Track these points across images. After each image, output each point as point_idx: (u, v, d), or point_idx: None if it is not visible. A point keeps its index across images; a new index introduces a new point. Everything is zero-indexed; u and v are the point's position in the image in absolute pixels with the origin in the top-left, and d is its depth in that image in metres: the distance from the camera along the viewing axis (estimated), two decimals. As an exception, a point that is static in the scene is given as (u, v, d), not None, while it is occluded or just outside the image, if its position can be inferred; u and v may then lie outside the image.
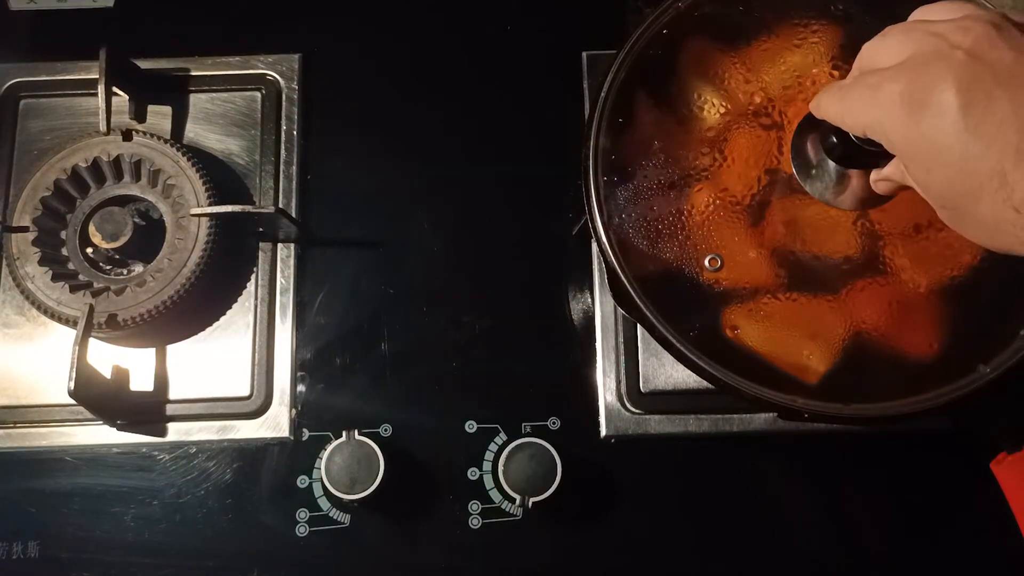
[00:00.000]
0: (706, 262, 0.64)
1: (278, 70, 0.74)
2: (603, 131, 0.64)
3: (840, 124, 0.51)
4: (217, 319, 0.68)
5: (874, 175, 0.57)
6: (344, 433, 0.61)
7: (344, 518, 0.64)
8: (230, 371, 0.67)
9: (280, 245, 0.70)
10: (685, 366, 0.57)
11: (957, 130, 0.43)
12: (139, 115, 0.73)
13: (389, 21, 0.77)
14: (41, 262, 0.64)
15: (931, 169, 0.45)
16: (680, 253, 0.65)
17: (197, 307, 0.67)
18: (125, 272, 0.68)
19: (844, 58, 0.68)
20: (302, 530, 0.63)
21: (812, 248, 0.66)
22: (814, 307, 0.63)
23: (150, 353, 0.67)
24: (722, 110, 0.67)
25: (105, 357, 0.66)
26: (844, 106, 0.50)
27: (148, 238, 0.66)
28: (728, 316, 0.63)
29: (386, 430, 0.65)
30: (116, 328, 0.64)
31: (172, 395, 0.66)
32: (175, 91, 0.73)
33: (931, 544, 0.64)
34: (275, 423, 0.66)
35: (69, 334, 0.62)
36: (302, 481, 0.64)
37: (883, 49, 0.48)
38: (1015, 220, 0.43)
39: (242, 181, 0.71)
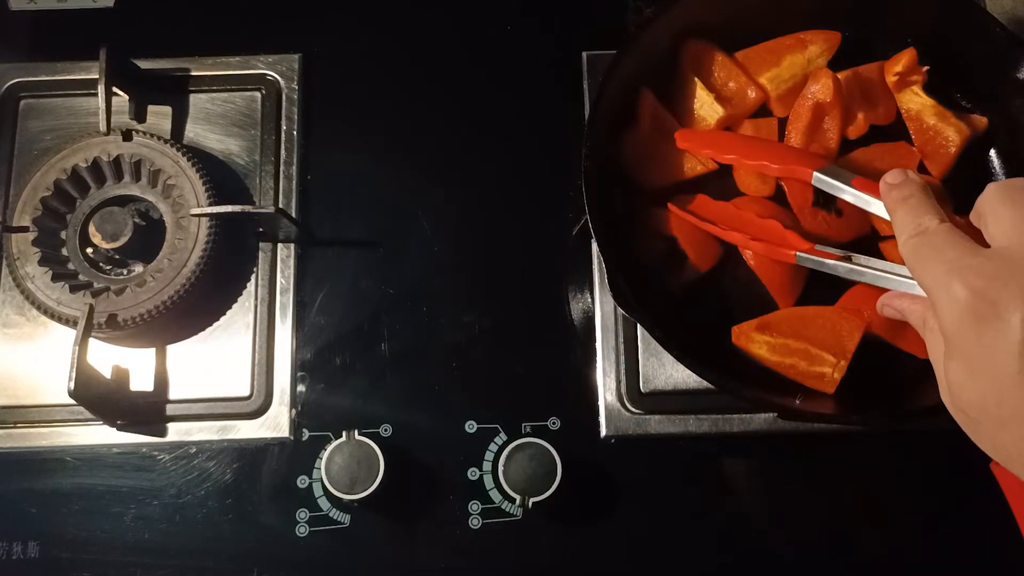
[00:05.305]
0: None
1: (278, 70, 0.74)
2: (602, 131, 0.64)
3: (906, 262, 0.48)
4: (217, 319, 0.68)
5: (888, 299, 0.54)
6: (344, 433, 0.61)
7: (344, 518, 0.64)
8: (230, 371, 0.67)
9: (280, 245, 0.70)
10: (685, 366, 0.57)
11: (1012, 356, 0.40)
12: (139, 115, 0.73)
13: (389, 21, 0.77)
14: (41, 262, 0.64)
15: (972, 374, 0.43)
16: (680, 253, 0.65)
17: (197, 307, 0.67)
18: (125, 272, 0.68)
19: (840, 59, 0.68)
20: (302, 530, 0.63)
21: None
22: (815, 312, 0.63)
23: (150, 353, 0.67)
24: (722, 110, 0.67)
25: (105, 357, 0.66)
26: (919, 255, 0.47)
27: (148, 238, 0.66)
28: (736, 328, 0.63)
29: (386, 430, 0.65)
30: (116, 328, 0.64)
31: (172, 395, 0.66)
32: (175, 91, 0.73)
33: (931, 544, 0.63)
34: (275, 423, 0.66)
35: (69, 334, 0.62)
36: (302, 481, 0.64)
37: (999, 212, 0.45)
38: None
39: (242, 181, 0.71)
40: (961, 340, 0.43)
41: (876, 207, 0.55)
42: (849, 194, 0.57)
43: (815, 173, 0.58)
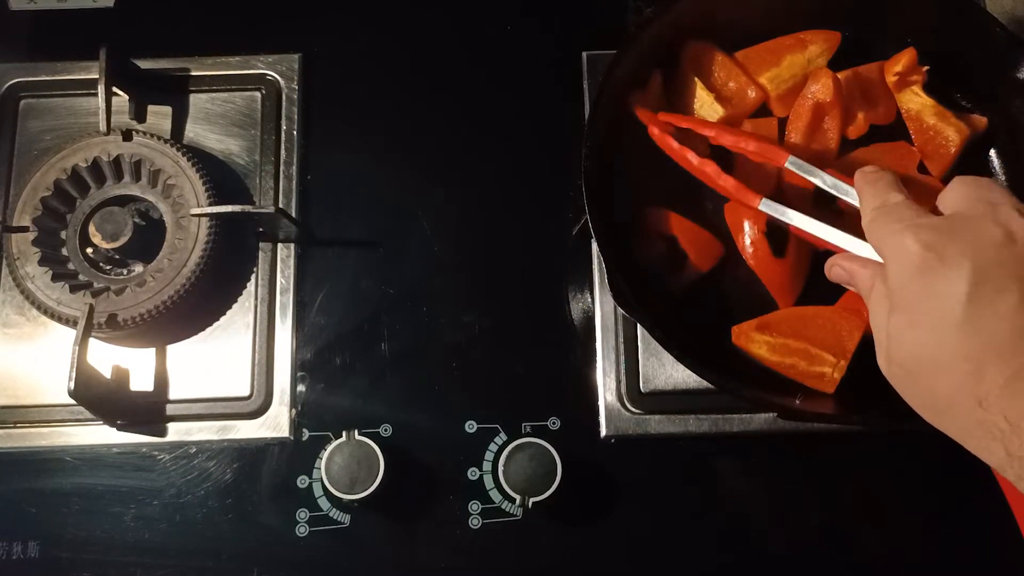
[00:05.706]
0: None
1: (278, 70, 0.74)
2: (602, 131, 0.64)
3: (866, 232, 0.51)
4: (217, 319, 0.68)
5: (839, 259, 0.56)
6: (344, 433, 0.61)
7: (344, 518, 0.64)
8: (230, 371, 0.67)
9: (280, 245, 0.70)
10: (685, 366, 0.57)
11: (954, 306, 0.42)
12: (139, 115, 0.73)
13: (389, 21, 0.77)
14: (41, 262, 0.64)
15: (913, 323, 0.45)
16: (680, 253, 0.65)
17: (197, 307, 0.67)
18: (125, 272, 0.68)
19: (840, 59, 0.68)
20: (302, 530, 0.63)
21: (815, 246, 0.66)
22: (815, 312, 0.63)
23: (150, 353, 0.67)
24: (722, 110, 0.67)
25: (105, 357, 0.66)
26: (878, 221, 0.49)
27: (148, 238, 0.66)
28: (736, 328, 0.63)
29: (386, 430, 0.65)
30: (116, 328, 0.64)
31: (172, 395, 0.66)
32: (175, 91, 0.73)
33: (931, 544, 0.63)
34: (275, 423, 0.66)
35: (69, 334, 0.62)
36: (302, 481, 0.64)
37: (958, 190, 0.48)
38: (971, 410, 0.42)
39: (242, 181, 0.71)
40: (907, 292, 0.45)
41: (845, 191, 0.57)
42: (821, 179, 0.59)
43: (790, 156, 0.60)
